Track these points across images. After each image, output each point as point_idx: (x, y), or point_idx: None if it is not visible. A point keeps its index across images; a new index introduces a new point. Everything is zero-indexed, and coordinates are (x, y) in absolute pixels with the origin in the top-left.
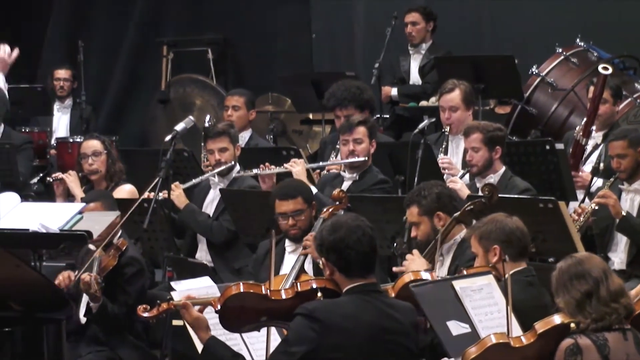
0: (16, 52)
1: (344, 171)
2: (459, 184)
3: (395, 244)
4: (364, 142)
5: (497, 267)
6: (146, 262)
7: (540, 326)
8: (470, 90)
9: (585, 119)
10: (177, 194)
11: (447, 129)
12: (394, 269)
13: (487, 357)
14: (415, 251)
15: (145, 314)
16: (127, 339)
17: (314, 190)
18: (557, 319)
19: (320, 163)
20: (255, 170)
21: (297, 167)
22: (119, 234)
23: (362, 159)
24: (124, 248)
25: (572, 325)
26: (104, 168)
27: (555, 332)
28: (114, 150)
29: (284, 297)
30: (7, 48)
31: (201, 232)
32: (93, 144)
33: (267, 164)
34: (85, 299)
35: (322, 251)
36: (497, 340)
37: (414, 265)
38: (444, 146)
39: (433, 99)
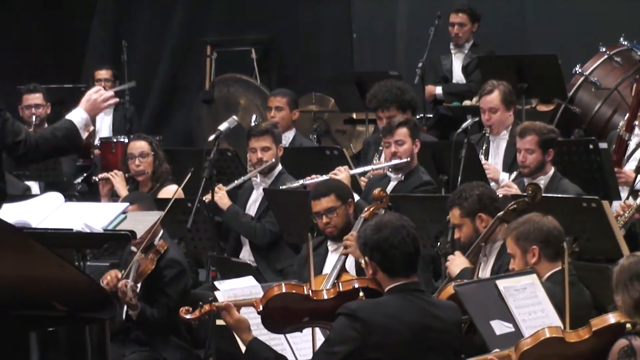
0: (114, 100)
1: (390, 171)
2: (514, 189)
3: (439, 244)
4: (406, 143)
5: (536, 267)
6: (190, 262)
7: (595, 323)
8: (509, 90)
9: (627, 115)
10: (220, 195)
11: (488, 130)
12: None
13: (540, 350)
14: (457, 252)
15: (188, 316)
16: (171, 340)
17: (356, 197)
18: (612, 317)
19: (364, 168)
20: (301, 181)
21: (342, 174)
22: (159, 235)
23: (404, 160)
24: (164, 250)
25: (628, 325)
26: (150, 169)
27: (610, 331)
28: (160, 151)
29: (325, 297)
30: (104, 92)
31: (244, 234)
32: (140, 145)
33: (313, 175)
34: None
35: (366, 250)
36: (551, 334)
37: (455, 265)
38: (484, 147)
39: (476, 99)
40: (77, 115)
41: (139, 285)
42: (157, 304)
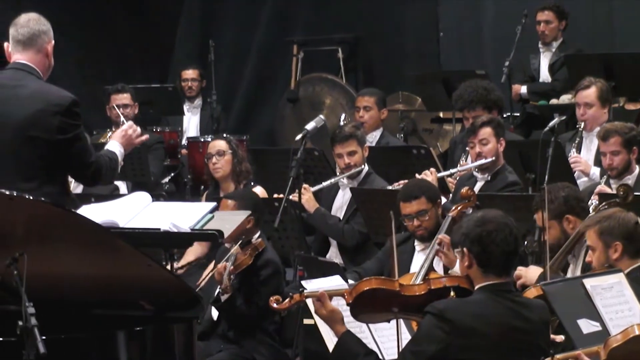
0: (145, 137)
1: (477, 171)
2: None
3: (526, 243)
4: (491, 143)
5: (617, 263)
6: None
7: None
8: (606, 88)
9: None
10: (307, 197)
11: (582, 125)
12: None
13: (629, 347)
14: (530, 266)
15: (277, 305)
16: (258, 337)
17: (444, 200)
18: None
19: (451, 170)
20: (389, 187)
21: (430, 177)
22: (257, 234)
23: (489, 160)
24: (261, 249)
25: None
26: (228, 168)
27: None
28: (241, 150)
29: (416, 293)
30: (137, 129)
31: (332, 235)
32: (218, 144)
33: (400, 182)
34: (217, 289)
35: (466, 241)
36: None
37: (531, 274)
38: (576, 142)
39: (564, 97)
40: (116, 149)
41: (235, 273)
42: (249, 300)
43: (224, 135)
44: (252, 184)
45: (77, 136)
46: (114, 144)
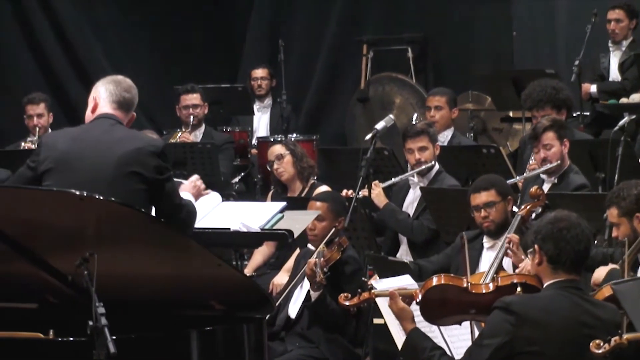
0: (209, 191)
1: (544, 174)
2: None
3: (596, 242)
4: (554, 146)
5: None
6: None
7: None
8: None
9: None
10: (377, 192)
11: None
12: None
13: None
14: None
15: (347, 303)
16: (335, 337)
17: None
18: None
19: (515, 179)
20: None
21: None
22: (340, 233)
23: (555, 164)
24: (346, 245)
25: None
26: (291, 169)
27: None
28: (298, 148)
29: (484, 291)
30: (198, 180)
31: (401, 231)
32: (275, 149)
33: None
34: (302, 292)
35: (537, 238)
36: None
37: (598, 273)
38: None
39: (634, 96)
40: (188, 197)
41: (325, 269)
42: (333, 299)
43: (277, 139)
44: (316, 179)
45: (170, 177)
46: (187, 195)
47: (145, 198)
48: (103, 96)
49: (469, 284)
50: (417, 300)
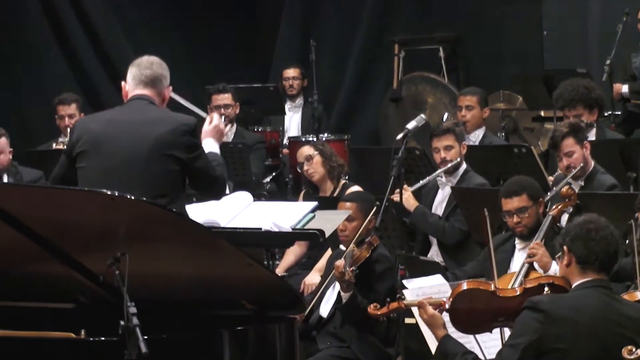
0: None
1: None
2: None
3: (627, 241)
4: (576, 152)
5: None
6: None
7: None
8: None
9: None
10: (407, 196)
11: None
12: None
13: None
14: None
15: (376, 312)
16: (364, 336)
17: None
18: None
19: (548, 194)
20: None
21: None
22: (372, 233)
23: (577, 168)
24: (376, 244)
25: None
26: (321, 168)
27: None
28: (327, 147)
29: (511, 295)
30: (218, 117)
31: (433, 233)
32: (304, 151)
33: None
34: (334, 292)
35: (566, 239)
36: None
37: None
38: None
39: None
40: (214, 148)
41: (354, 267)
42: (365, 298)
43: (305, 140)
44: (347, 178)
45: (202, 154)
46: (211, 143)
47: (179, 178)
48: (130, 81)
49: (497, 289)
50: (446, 308)
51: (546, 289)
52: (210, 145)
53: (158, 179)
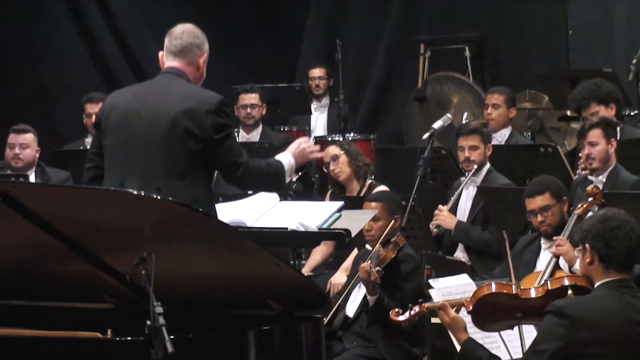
0: (320, 154)
1: (590, 174)
2: None
3: None
4: (600, 144)
5: None
6: None
7: None
8: None
9: None
10: (444, 216)
11: None
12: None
13: None
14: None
15: (400, 318)
16: (391, 336)
17: None
18: None
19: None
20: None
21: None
22: (397, 232)
23: (598, 164)
24: (402, 244)
25: None
26: (347, 168)
27: None
28: (352, 146)
29: (533, 295)
30: (312, 143)
31: (478, 248)
32: (330, 150)
33: None
34: (361, 292)
35: (588, 237)
36: None
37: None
38: None
39: None
40: (286, 159)
41: (379, 268)
42: (392, 299)
43: (331, 140)
44: (373, 178)
45: (228, 135)
46: (285, 156)
47: (201, 158)
48: (164, 53)
49: (519, 290)
50: (469, 310)
51: (569, 291)
52: (283, 157)
53: (179, 157)
